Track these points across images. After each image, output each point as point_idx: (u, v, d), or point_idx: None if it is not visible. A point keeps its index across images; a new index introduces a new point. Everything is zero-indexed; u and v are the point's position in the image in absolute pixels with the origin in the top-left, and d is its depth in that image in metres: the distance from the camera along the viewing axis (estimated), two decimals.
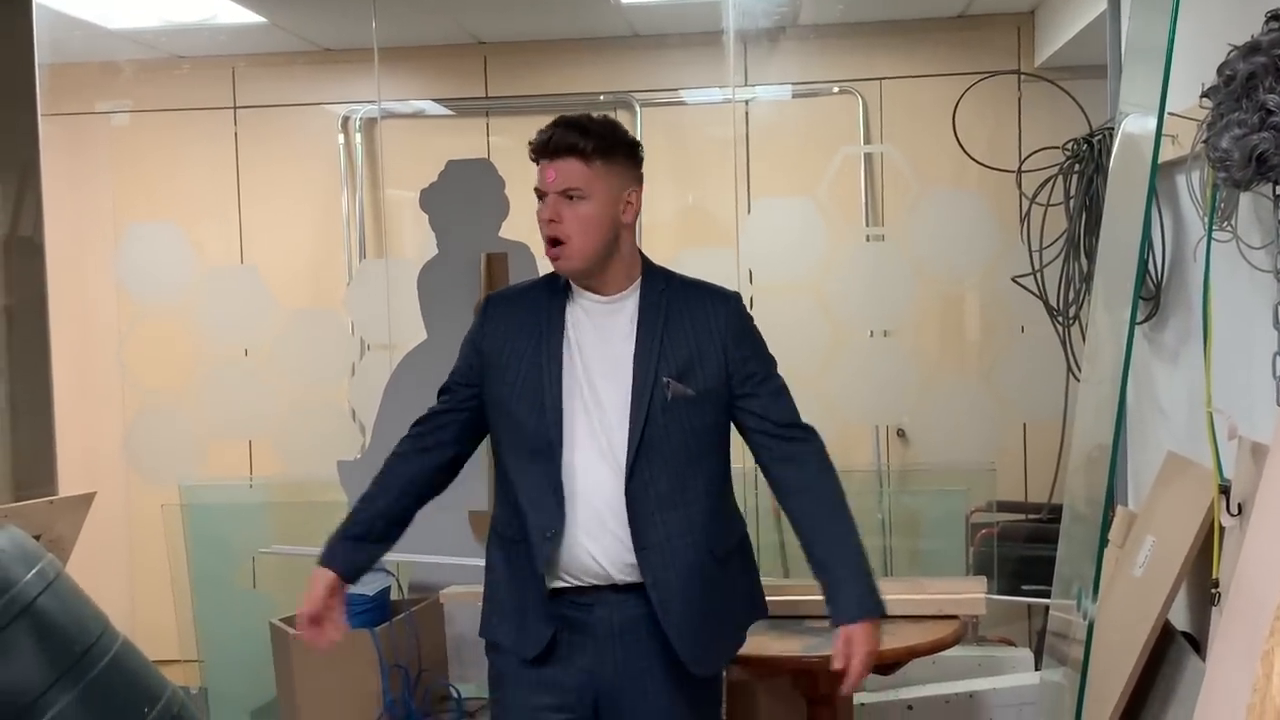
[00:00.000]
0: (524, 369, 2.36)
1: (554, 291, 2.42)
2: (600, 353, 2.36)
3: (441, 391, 2.52)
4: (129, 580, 4.84)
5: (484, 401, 2.43)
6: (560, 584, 2.36)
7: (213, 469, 4.38)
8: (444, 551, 3.70)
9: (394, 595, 3.67)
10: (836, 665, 2.32)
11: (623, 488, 2.31)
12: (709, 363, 2.36)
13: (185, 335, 4.30)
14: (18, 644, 3.24)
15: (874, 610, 2.34)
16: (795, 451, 2.38)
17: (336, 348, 4.22)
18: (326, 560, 2.43)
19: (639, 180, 2.40)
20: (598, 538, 2.33)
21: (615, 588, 2.34)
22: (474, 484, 3.76)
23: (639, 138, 4.96)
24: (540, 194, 2.33)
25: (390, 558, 3.79)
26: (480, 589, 3.51)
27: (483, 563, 3.73)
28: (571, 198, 2.30)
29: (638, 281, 2.39)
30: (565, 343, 2.36)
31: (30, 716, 3.19)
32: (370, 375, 4.09)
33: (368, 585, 3.52)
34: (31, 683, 3.24)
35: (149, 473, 4.30)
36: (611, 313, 2.38)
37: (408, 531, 3.54)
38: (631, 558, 2.32)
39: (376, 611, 3.50)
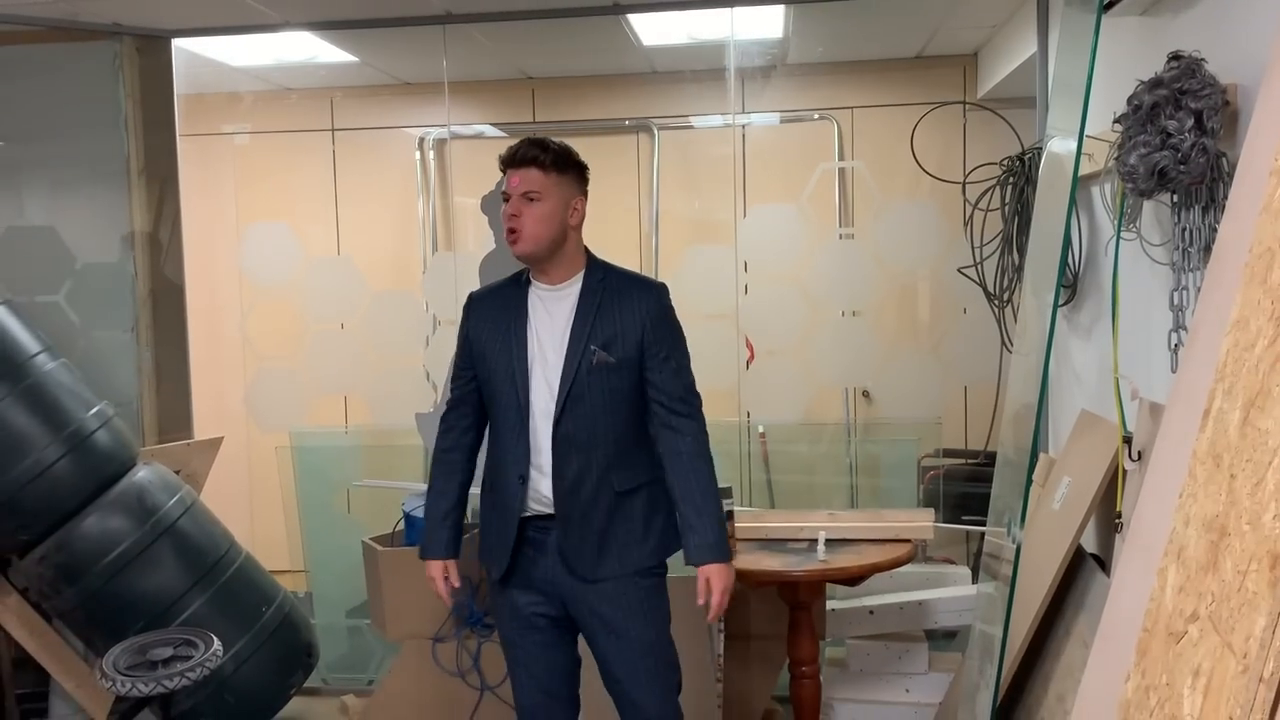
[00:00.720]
0: (499, 349, 2.42)
1: (518, 286, 2.48)
2: (550, 331, 2.41)
3: (452, 380, 2.57)
4: (249, 506, 4.87)
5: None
6: (527, 513, 2.42)
7: (316, 419, 4.39)
8: None
9: None
10: (700, 600, 2.37)
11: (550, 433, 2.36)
12: (630, 337, 2.39)
13: (294, 312, 4.29)
14: (162, 556, 3.28)
15: (720, 556, 2.37)
16: (676, 422, 2.40)
17: (414, 322, 4.20)
18: (432, 553, 2.55)
19: (584, 194, 2.46)
20: (547, 476, 2.39)
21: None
22: None
23: (656, 156, 5.01)
24: (506, 196, 2.38)
25: None
26: None
27: None
28: (531, 199, 2.35)
29: (581, 273, 2.43)
30: (529, 325, 2.41)
31: (172, 614, 3.24)
32: (441, 345, 4.07)
33: None
34: (173, 587, 3.29)
35: (264, 422, 4.30)
36: (559, 298, 2.42)
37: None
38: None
39: None
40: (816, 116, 4.75)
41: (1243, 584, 1.25)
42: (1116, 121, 2.20)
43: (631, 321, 2.39)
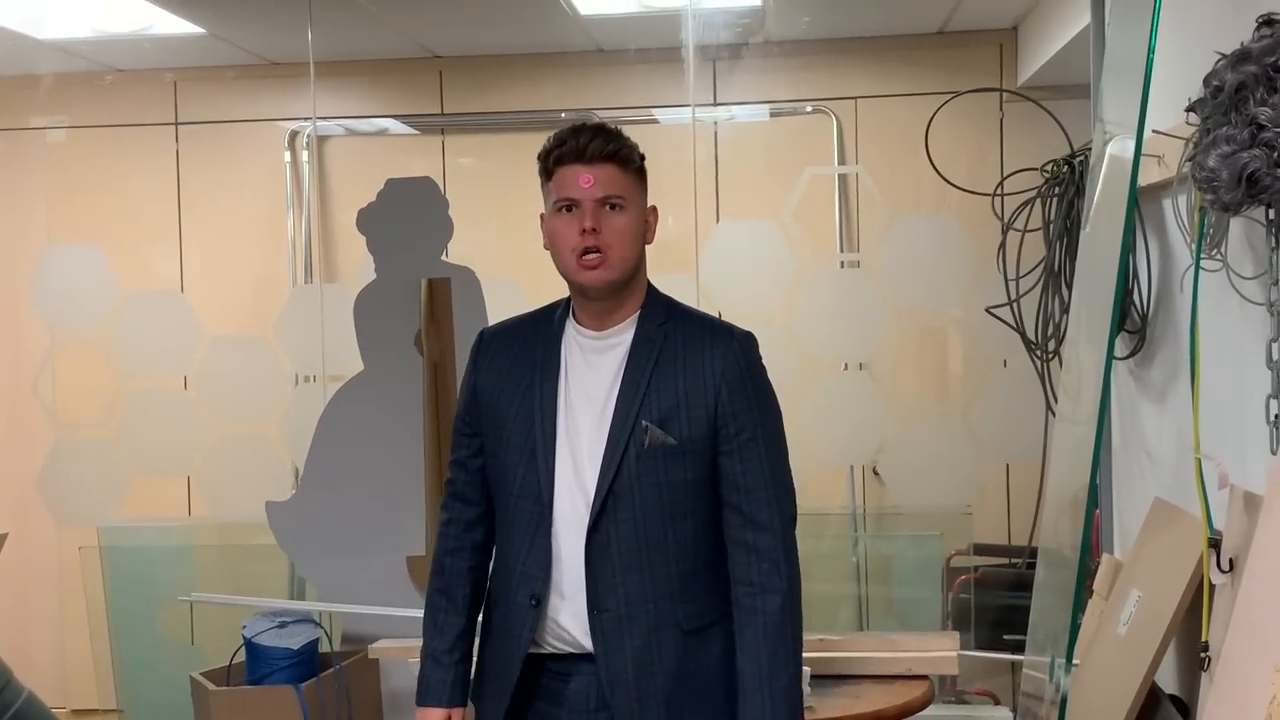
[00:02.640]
0: (517, 415, 2.22)
1: (548, 325, 2.27)
2: (588, 395, 2.21)
3: (452, 450, 2.36)
4: (60, 624, 4.69)
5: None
6: (538, 650, 2.20)
7: (138, 509, 4.25)
8: (380, 601, 3.56)
9: (324, 648, 3.51)
10: None
11: (584, 542, 2.16)
12: (696, 410, 2.18)
13: (108, 364, 4.20)
14: None
15: None
16: (757, 539, 2.17)
17: (267, 379, 4.11)
18: (430, 698, 2.27)
19: None
20: (572, 600, 2.17)
21: (592, 657, 2.17)
22: (412, 528, 3.61)
23: None
24: (567, 205, 2.16)
25: (322, 608, 3.65)
26: (416, 641, 3.37)
27: (419, 614, 3.60)
28: (612, 206, 2.16)
29: (637, 314, 2.23)
30: (560, 384, 2.22)
31: None
32: (302, 408, 3.98)
33: (294, 639, 3.36)
34: None
35: (64, 513, 4.20)
36: (606, 349, 2.23)
37: (341, 579, 3.41)
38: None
39: (303, 666, 3.36)
40: (809, 109, 4.73)
41: None
42: (1190, 110, 2.14)
43: (700, 386, 2.18)
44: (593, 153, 2.15)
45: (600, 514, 2.15)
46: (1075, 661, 2.52)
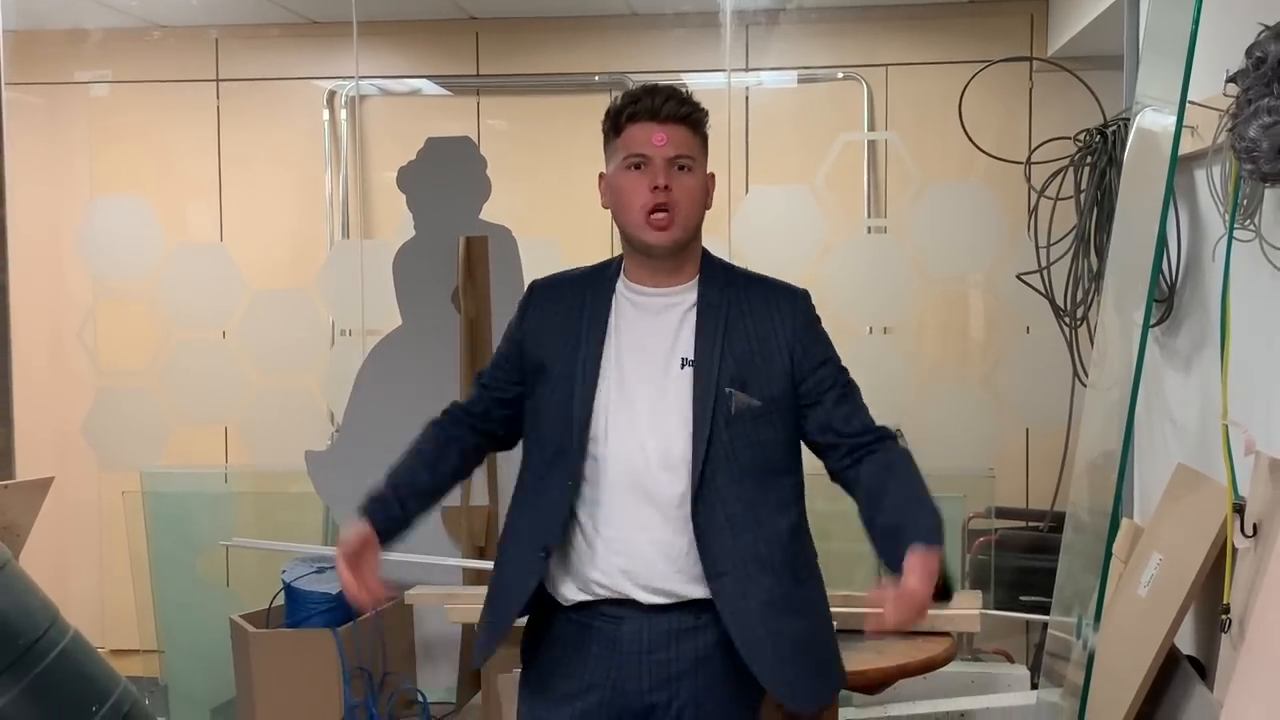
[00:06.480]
0: (559, 369, 2.22)
1: (600, 284, 2.26)
2: (644, 355, 2.20)
3: (479, 376, 2.38)
4: (99, 567, 4.76)
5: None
6: (586, 597, 2.21)
7: (180, 455, 4.28)
8: (415, 549, 3.56)
9: None
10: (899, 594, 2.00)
11: (666, 507, 2.15)
12: (775, 369, 2.18)
13: (151, 315, 4.22)
14: None
15: (939, 542, 2.06)
16: (870, 452, 2.19)
17: (307, 331, 4.13)
18: (368, 511, 2.24)
19: None
20: (625, 555, 2.17)
21: (636, 603, 2.18)
22: None
23: None
24: (637, 162, 2.16)
25: None
26: (449, 589, 3.41)
27: (455, 561, 3.63)
28: (682, 167, 2.16)
29: (696, 278, 2.23)
30: (606, 345, 2.21)
31: None
32: (342, 361, 4.01)
33: (332, 584, 3.39)
34: None
35: (109, 458, 4.23)
36: (664, 308, 2.21)
37: None
38: (663, 582, 2.17)
39: (340, 611, 3.39)
40: (840, 75, 4.71)
41: None
42: (1231, 80, 2.13)
43: (773, 346, 2.19)
44: (667, 113, 2.15)
45: (700, 485, 2.13)
46: None
